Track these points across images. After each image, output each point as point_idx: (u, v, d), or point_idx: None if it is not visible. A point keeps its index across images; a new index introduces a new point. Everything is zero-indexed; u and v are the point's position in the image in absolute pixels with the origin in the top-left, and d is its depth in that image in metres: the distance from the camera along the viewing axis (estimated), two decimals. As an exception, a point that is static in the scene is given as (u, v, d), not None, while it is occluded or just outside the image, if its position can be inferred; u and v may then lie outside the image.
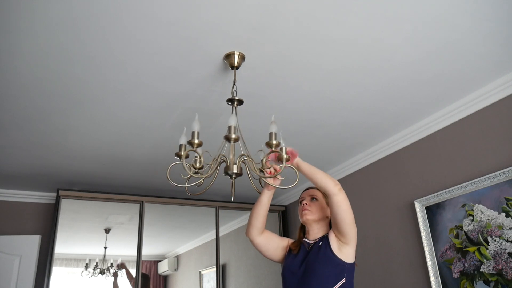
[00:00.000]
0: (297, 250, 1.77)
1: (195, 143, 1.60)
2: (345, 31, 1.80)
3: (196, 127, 1.63)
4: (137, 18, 1.66)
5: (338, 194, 1.60)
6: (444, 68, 2.12)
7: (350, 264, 1.64)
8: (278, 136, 1.63)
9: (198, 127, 1.63)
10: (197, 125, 1.64)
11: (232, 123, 1.61)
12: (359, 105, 2.47)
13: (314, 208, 1.78)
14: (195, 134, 1.61)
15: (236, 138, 1.60)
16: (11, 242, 3.44)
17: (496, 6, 1.69)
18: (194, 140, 1.60)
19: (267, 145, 1.60)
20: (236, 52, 1.90)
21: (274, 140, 1.59)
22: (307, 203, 1.79)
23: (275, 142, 1.59)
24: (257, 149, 1.84)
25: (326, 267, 1.60)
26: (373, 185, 3.17)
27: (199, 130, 1.63)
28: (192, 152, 1.63)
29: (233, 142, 1.61)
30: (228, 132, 1.60)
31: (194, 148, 1.60)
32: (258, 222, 1.78)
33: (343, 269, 1.61)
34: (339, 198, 1.61)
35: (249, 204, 4.14)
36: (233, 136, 1.59)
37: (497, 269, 2.15)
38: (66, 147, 2.88)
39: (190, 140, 1.61)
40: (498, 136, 2.28)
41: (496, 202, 2.21)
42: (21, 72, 1.99)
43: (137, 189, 3.81)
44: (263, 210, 1.78)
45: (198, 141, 1.60)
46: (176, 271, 4.45)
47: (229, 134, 1.60)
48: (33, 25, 1.67)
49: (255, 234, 1.79)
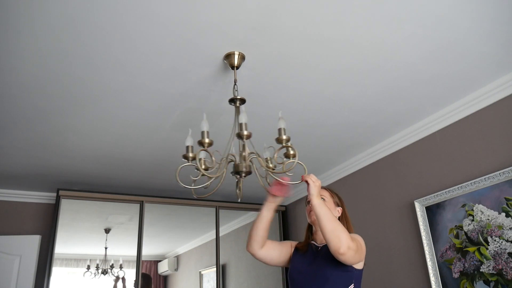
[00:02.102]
0: (304, 249, 1.75)
1: (206, 143, 1.60)
2: (345, 31, 1.80)
3: (205, 127, 1.63)
4: (137, 18, 1.66)
5: (343, 255, 1.47)
6: (444, 68, 2.12)
7: (358, 270, 1.63)
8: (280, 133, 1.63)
9: (207, 127, 1.64)
10: (206, 124, 1.64)
11: (243, 120, 1.62)
12: (359, 105, 2.47)
13: None
14: (205, 134, 1.62)
15: (249, 134, 1.60)
16: (11, 242, 3.44)
17: (496, 6, 1.69)
18: (204, 139, 1.61)
19: (277, 141, 1.60)
20: (236, 52, 1.90)
21: (284, 136, 1.59)
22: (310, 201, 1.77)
23: (285, 137, 1.59)
24: (257, 149, 1.84)
25: (336, 273, 1.57)
26: (373, 185, 3.16)
27: (208, 129, 1.64)
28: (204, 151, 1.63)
29: (246, 139, 1.61)
30: (239, 129, 1.61)
31: (205, 148, 1.60)
32: (259, 236, 1.73)
33: (352, 275, 1.60)
34: (343, 259, 1.49)
35: (249, 204, 4.14)
36: (245, 133, 1.59)
37: (497, 269, 2.15)
38: (66, 147, 2.88)
39: (201, 140, 1.61)
40: (498, 136, 2.28)
41: (496, 202, 2.21)
42: (21, 72, 1.99)
43: (137, 189, 3.80)
44: (264, 224, 1.73)
45: (208, 140, 1.61)
46: (176, 271, 4.45)
47: (241, 131, 1.60)
48: (33, 25, 1.67)
49: (256, 247, 1.74)
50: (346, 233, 1.49)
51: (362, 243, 1.63)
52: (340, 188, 3.41)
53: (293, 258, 1.78)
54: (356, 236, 1.64)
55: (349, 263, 1.54)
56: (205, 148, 1.61)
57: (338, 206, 1.81)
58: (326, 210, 1.53)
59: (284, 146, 1.60)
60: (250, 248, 1.76)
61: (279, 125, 1.63)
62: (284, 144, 1.59)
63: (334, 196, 1.83)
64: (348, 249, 1.47)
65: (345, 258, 1.48)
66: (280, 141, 1.60)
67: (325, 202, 1.71)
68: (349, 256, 1.48)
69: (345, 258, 1.48)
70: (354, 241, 1.53)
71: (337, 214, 1.78)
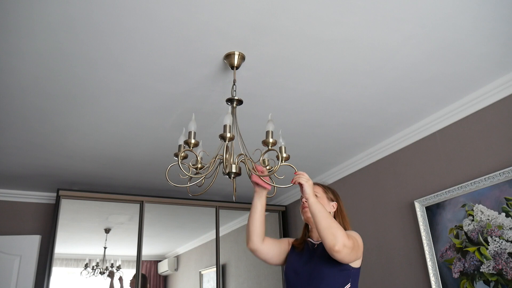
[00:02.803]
0: (301, 247, 1.73)
1: (191, 143, 1.60)
2: (345, 31, 1.79)
3: (193, 127, 1.63)
4: (137, 18, 1.66)
5: (338, 253, 1.44)
6: (444, 68, 2.12)
7: (355, 269, 1.60)
8: (277, 135, 1.62)
9: (194, 127, 1.64)
10: (193, 125, 1.64)
11: (228, 122, 1.61)
12: (359, 105, 2.47)
13: None
14: (191, 134, 1.62)
15: (232, 137, 1.60)
16: (11, 242, 3.44)
17: (496, 6, 1.69)
18: (190, 140, 1.61)
19: (264, 143, 1.60)
20: (236, 52, 1.90)
21: (270, 139, 1.58)
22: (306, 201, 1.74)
23: (272, 140, 1.58)
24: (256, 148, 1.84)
25: (332, 271, 1.55)
26: (373, 185, 3.16)
27: (196, 130, 1.64)
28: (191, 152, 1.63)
29: (228, 141, 1.61)
30: (223, 130, 1.60)
31: (190, 148, 1.60)
32: (256, 228, 1.71)
33: (349, 273, 1.57)
34: (339, 257, 1.46)
35: (249, 204, 4.13)
36: (228, 135, 1.59)
37: (497, 269, 2.15)
38: (66, 147, 2.88)
39: (187, 140, 1.61)
40: (498, 136, 2.28)
41: (496, 202, 2.21)
42: (20, 72, 1.99)
43: (137, 189, 3.81)
44: (259, 214, 1.72)
45: (194, 141, 1.61)
46: (176, 271, 4.45)
47: (224, 133, 1.59)
48: (33, 25, 1.67)
49: (256, 241, 1.71)
50: (341, 231, 1.47)
51: (359, 240, 1.59)
52: (340, 188, 3.41)
53: (289, 257, 1.76)
54: (353, 233, 1.60)
55: (345, 261, 1.50)
56: (190, 149, 1.60)
57: (333, 201, 1.77)
58: (320, 208, 1.52)
59: (270, 149, 1.59)
60: (250, 244, 1.73)
61: (267, 127, 1.61)
62: (270, 148, 1.58)
63: (328, 192, 1.79)
64: (344, 247, 1.44)
65: (340, 256, 1.45)
66: (266, 144, 1.59)
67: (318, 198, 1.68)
68: (344, 254, 1.45)
69: (340, 256, 1.45)
70: (350, 238, 1.50)
71: (331, 209, 1.74)
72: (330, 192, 1.81)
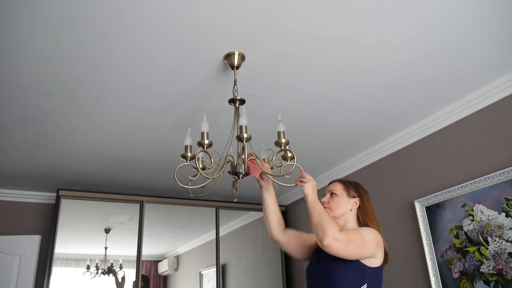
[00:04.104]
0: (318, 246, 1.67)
1: (205, 144, 1.61)
2: (345, 31, 1.80)
3: (205, 128, 1.64)
4: (137, 18, 1.66)
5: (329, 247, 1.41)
6: (444, 68, 2.12)
7: (373, 268, 1.48)
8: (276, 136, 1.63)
9: (207, 128, 1.64)
10: (205, 125, 1.65)
11: (244, 123, 1.62)
12: (359, 105, 2.47)
13: (333, 205, 1.65)
14: (204, 135, 1.62)
15: (249, 137, 1.60)
16: (11, 242, 3.44)
17: (496, 7, 1.69)
18: (204, 140, 1.61)
19: (276, 144, 1.60)
20: (236, 52, 1.90)
21: (283, 139, 1.59)
22: (326, 201, 1.68)
23: (284, 140, 1.59)
24: (257, 149, 1.84)
25: (342, 271, 1.46)
26: (373, 185, 3.16)
27: (208, 130, 1.65)
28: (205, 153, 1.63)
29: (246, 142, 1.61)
30: (239, 132, 1.61)
31: (205, 149, 1.61)
32: (272, 219, 1.76)
33: (364, 273, 1.46)
34: (331, 251, 1.43)
35: (249, 204, 4.14)
36: (245, 136, 1.59)
37: (497, 269, 2.15)
38: (66, 147, 2.88)
39: (200, 141, 1.62)
40: (498, 136, 2.28)
41: (496, 202, 2.21)
42: (21, 72, 1.99)
43: (137, 189, 3.80)
44: (270, 208, 1.77)
45: (208, 141, 1.61)
46: (176, 271, 4.45)
47: (241, 134, 1.60)
48: (33, 25, 1.67)
49: (275, 233, 1.76)
50: (331, 225, 1.44)
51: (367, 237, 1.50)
52: (340, 188, 3.41)
53: (312, 256, 1.70)
54: (363, 230, 1.53)
55: (343, 256, 1.44)
56: (204, 149, 1.61)
57: (354, 198, 1.67)
58: (315, 206, 1.53)
59: (283, 149, 1.60)
60: (272, 235, 1.77)
61: (279, 128, 1.62)
62: (283, 148, 1.59)
63: (350, 188, 1.70)
64: (334, 240, 1.40)
65: (333, 251, 1.41)
66: (279, 145, 1.59)
67: (336, 197, 1.66)
68: (337, 248, 1.41)
69: (333, 250, 1.41)
70: (344, 232, 1.45)
71: (351, 206, 1.65)
72: (353, 188, 1.70)
